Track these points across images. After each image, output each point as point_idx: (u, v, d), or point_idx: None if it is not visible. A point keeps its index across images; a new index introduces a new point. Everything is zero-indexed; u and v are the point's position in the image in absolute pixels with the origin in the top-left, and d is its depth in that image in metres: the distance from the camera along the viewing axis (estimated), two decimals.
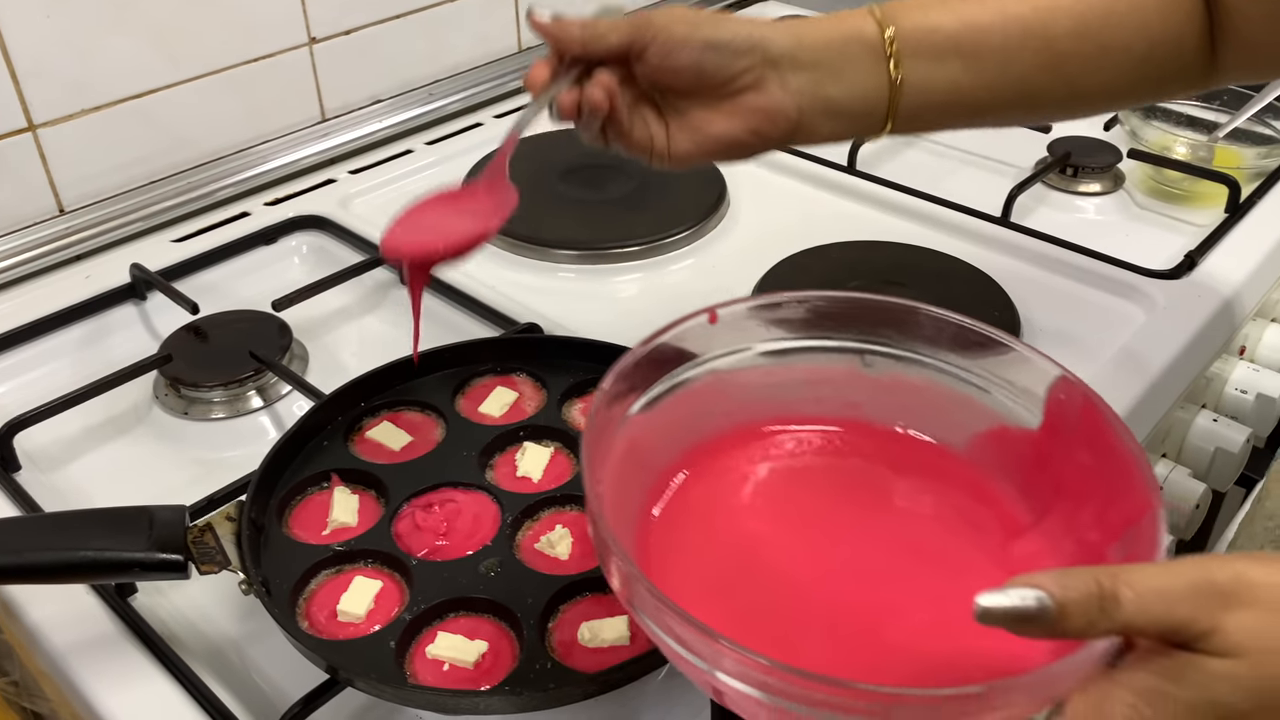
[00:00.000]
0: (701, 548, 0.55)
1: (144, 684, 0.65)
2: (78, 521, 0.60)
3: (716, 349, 0.60)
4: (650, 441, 0.57)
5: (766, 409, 0.61)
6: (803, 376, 0.61)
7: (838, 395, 0.61)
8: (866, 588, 0.54)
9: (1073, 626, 0.41)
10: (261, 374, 0.88)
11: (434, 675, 0.59)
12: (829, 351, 0.61)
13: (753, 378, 0.60)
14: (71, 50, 0.98)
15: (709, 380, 0.59)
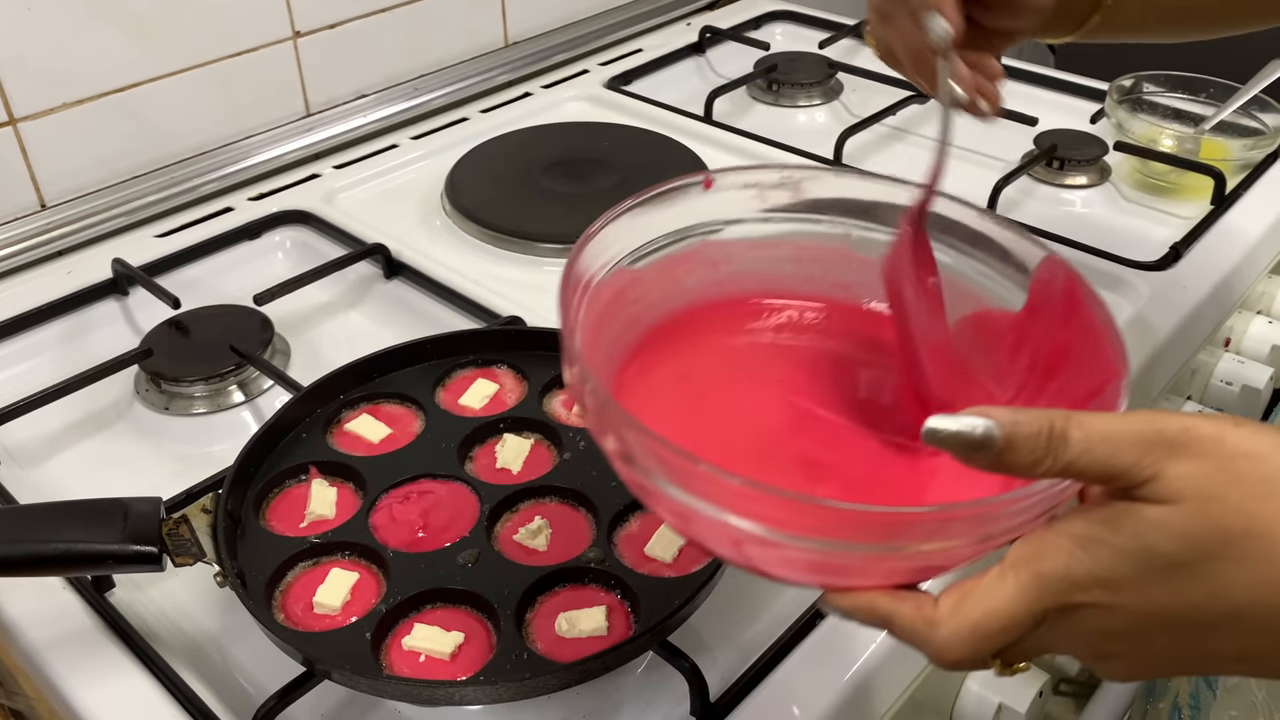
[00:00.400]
0: (674, 404, 0.54)
1: (121, 679, 0.64)
2: (51, 514, 0.60)
3: (708, 216, 0.58)
4: (634, 296, 0.56)
5: (754, 282, 0.60)
6: (792, 253, 0.60)
7: (827, 275, 0.60)
8: (833, 451, 0.54)
9: (1018, 460, 0.41)
10: (243, 368, 0.88)
11: (410, 666, 0.58)
12: (820, 230, 0.59)
13: (741, 250, 0.59)
14: (52, 43, 0.98)
15: (698, 246, 0.58)
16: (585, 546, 0.65)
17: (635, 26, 1.44)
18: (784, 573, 0.47)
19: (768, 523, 0.42)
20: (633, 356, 0.56)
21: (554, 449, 0.72)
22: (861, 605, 0.45)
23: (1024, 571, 0.42)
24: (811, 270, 0.60)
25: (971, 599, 0.42)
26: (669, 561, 0.64)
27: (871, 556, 0.43)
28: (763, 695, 0.63)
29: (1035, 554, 0.42)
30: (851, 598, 0.45)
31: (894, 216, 0.57)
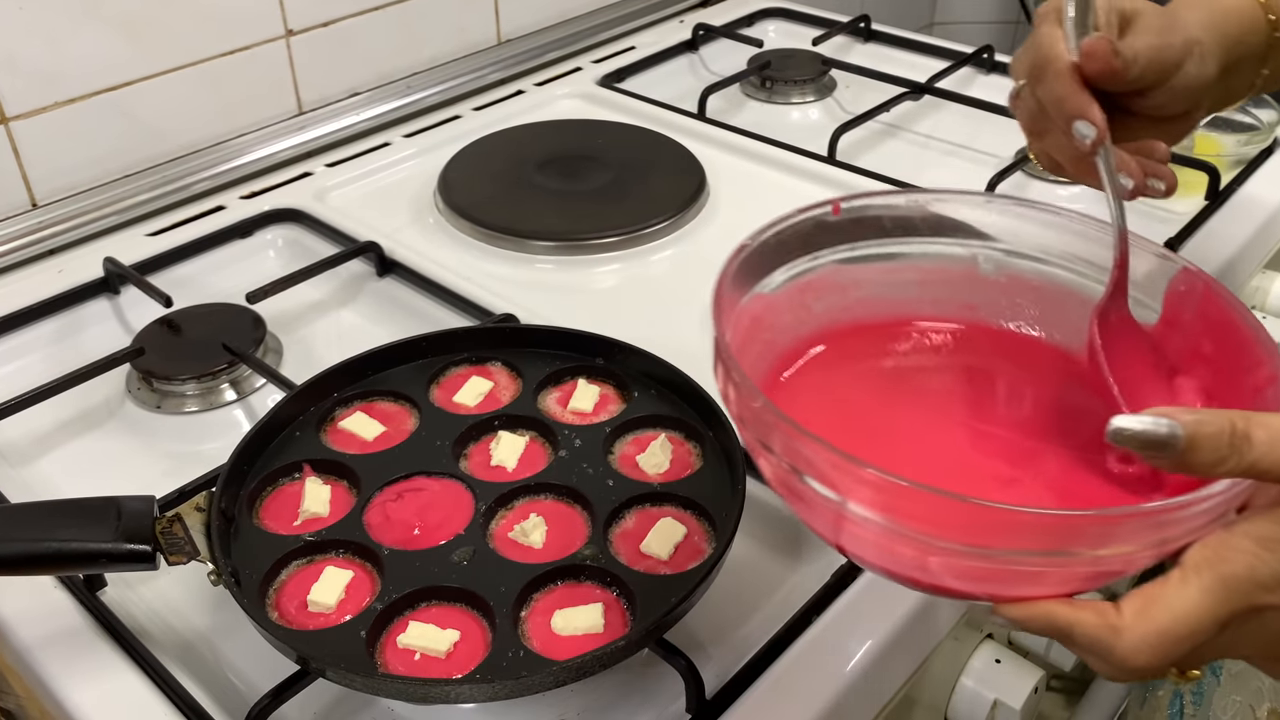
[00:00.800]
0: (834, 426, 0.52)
1: (113, 678, 0.64)
2: (43, 512, 0.60)
3: (836, 241, 0.59)
4: (770, 322, 0.58)
5: (883, 306, 0.61)
6: (918, 276, 0.61)
7: (954, 297, 0.61)
8: (989, 464, 0.54)
9: (1201, 460, 0.41)
10: (235, 367, 0.87)
11: (405, 665, 0.58)
12: (945, 251, 0.60)
13: (869, 274, 0.60)
14: (44, 41, 0.97)
15: (828, 272, 0.59)
16: (581, 544, 0.64)
17: (628, 24, 1.44)
18: (956, 584, 0.46)
19: (943, 532, 0.42)
20: (775, 380, 0.57)
21: (548, 446, 0.72)
22: (1037, 615, 0.44)
23: (1207, 575, 0.41)
24: (938, 293, 0.61)
25: (1158, 604, 0.42)
26: (665, 559, 0.63)
27: (1047, 563, 0.43)
28: (758, 692, 0.63)
29: (1217, 557, 0.42)
30: (1025, 608, 0.45)
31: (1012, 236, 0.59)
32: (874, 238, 0.60)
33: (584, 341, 0.77)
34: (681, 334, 0.91)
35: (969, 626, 0.75)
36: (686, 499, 0.67)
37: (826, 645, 0.65)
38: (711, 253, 1.01)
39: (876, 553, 0.47)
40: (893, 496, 0.43)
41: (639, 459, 0.70)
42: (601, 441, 0.71)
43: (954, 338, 0.61)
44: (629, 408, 0.74)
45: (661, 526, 0.65)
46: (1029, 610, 0.44)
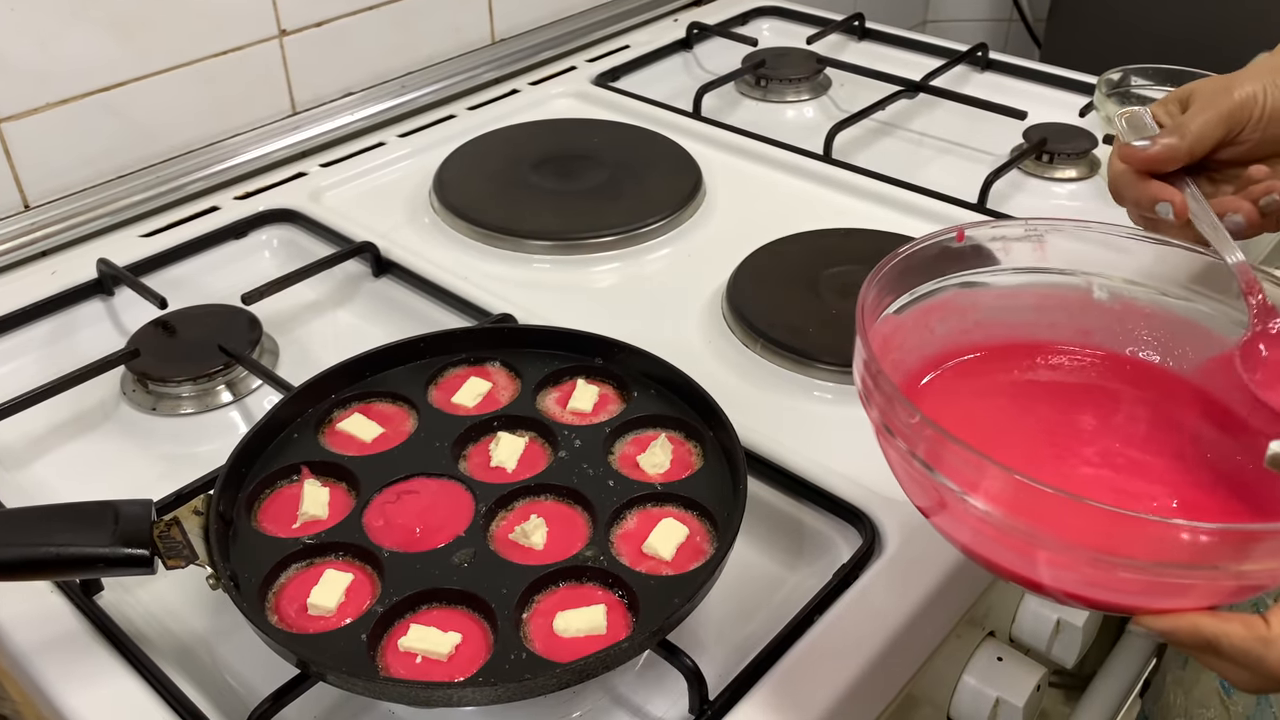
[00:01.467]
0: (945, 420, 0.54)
1: (111, 683, 0.63)
2: (40, 517, 0.59)
3: (957, 267, 0.62)
4: (897, 342, 0.60)
5: (1003, 330, 0.64)
6: (1035, 301, 0.64)
7: (1070, 321, 0.64)
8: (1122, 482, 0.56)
9: None
10: (231, 368, 0.87)
11: (407, 668, 0.57)
12: (1061, 279, 0.63)
13: (987, 298, 0.63)
14: (35, 41, 0.97)
15: (950, 295, 0.62)
16: (582, 545, 0.64)
17: (622, 23, 1.44)
18: (1102, 595, 0.48)
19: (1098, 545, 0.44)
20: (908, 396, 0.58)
21: (548, 447, 0.71)
22: (1183, 627, 0.46)
23: None
24: (1055, 317, 0.64)
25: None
26: (667, 559, 0.63)
27: (1196, 577, 0.44)
28: (761, 693, 0.62)
29: None
30: (1171, 620, 0.46)
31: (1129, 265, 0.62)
32: (992, 263, 0.63)
33: (583, 341, 0.77)
34: (679, 333, 0.91)
35: (969, 624, 0.75)
36: (688, 499, 0.67)
37: (829, 645, 0.65)
38: (708, 251, 1.02)
39: (1021, 562, 0.49)
40: (1052, 510, 0.44)
41: (639, 459, 0.70)
42: (601, 442, 0.71)
43: (1072, 360, 0.64)
44: (628, 408, 0.74)
45: (663, 527, 0.64)
46: (1174, 622, 0.46)
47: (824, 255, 0.97)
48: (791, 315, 0.90)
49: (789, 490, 0.75)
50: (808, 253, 0.97)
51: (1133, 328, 0.64)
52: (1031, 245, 0.63)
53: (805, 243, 0.99)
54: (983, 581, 0.73)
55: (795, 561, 0.74)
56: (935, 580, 0.69)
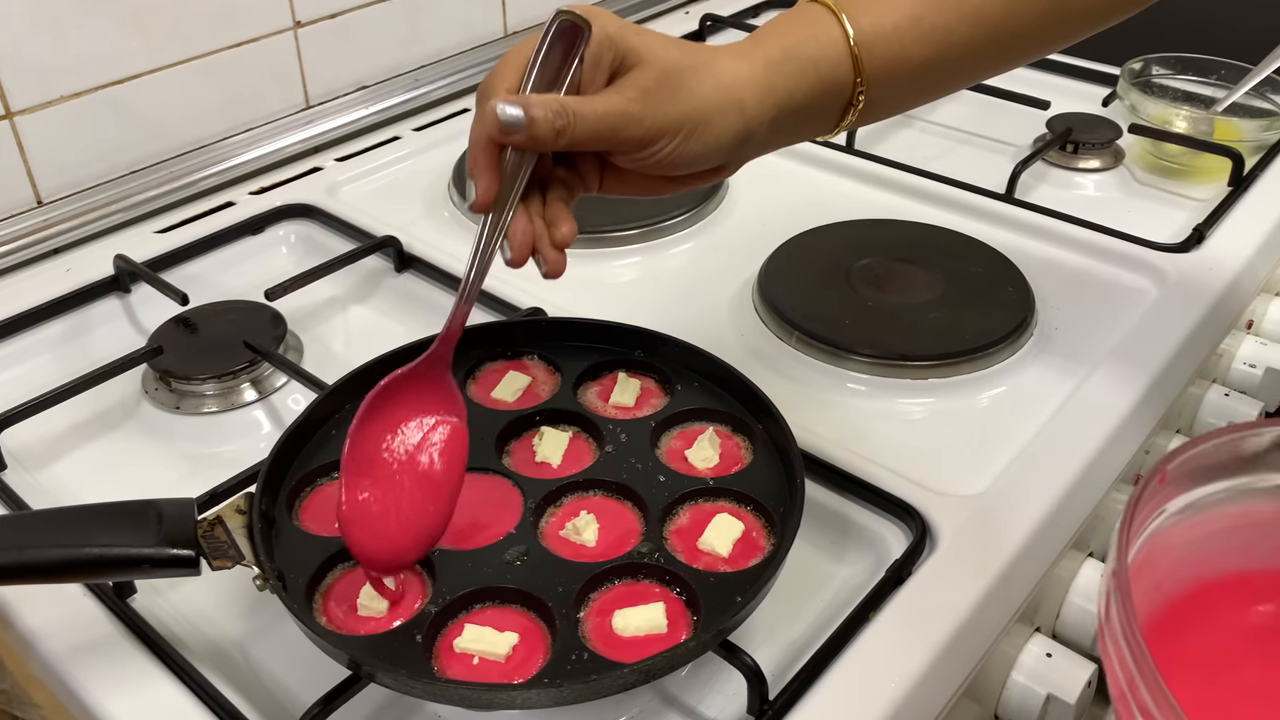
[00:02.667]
0: None
1: (151, 688, 0.61)
2: (81, 517, 0.57)
3: (1158, 505, 0.52)
4: None
5: (1192, 570, 0.54)
6: (1225, 524, 0.54)
7: (1264, 539, 0.55)
8: None
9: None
10: (255, 365, 0.85)
11: (464, 669, 0.56)
12: (1249, 491, 0.54)
13: (1176, 535, 0.53)
14: (48, 34, 0.95)
15: (1144, 552, 0.51)
16: (635, 541, 0.62)
17: (635, 15, 1.42)
18: None
19: None
20: None
21: (593, 442, 0.70)
22: None
23: None
24: (1246, 538, 0.55)
25: None
26: (724, 555, 0.61)
27: None
28: (822, 693, 0.61)
29: None
30: None
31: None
32: (1182, 494, 0.53)
33: (622, 334, 0.76)
34: (711, 326, 0.90)
35: (1018, 620, 0.74)
36: (740, 494, 0.65)
37: (887, 642, 0.63)
38: (733, 244, 1.00)
39: None
40: None
41: (687, 454, 0.68)
42: (647, 436, 0.69)
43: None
44: (672, 401, 0.72)
45: (718, 523, 0.63)
46: None
47: (854, 247, 0.95)
48: (826, 307, 0.88)
49: (834, 485, 0.74)
50: (837, 244, 0.96)
51: None
52: (1223, 460, 0.52)
53: (834, 234, 0.98)
54: (1036, 576, 0.71)
55: (842, 557, 0.72)
56: (991, 576, 0.67)
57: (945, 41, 0.62)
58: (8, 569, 0.55)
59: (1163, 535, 0.52)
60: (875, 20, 0.61)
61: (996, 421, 0.81)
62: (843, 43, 0.61)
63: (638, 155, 0.58)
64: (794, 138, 0.64)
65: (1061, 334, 0.89)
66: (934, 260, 0.94)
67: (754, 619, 0.67)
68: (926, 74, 0.63)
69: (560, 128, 0.54)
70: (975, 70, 0.66)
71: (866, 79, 0.61)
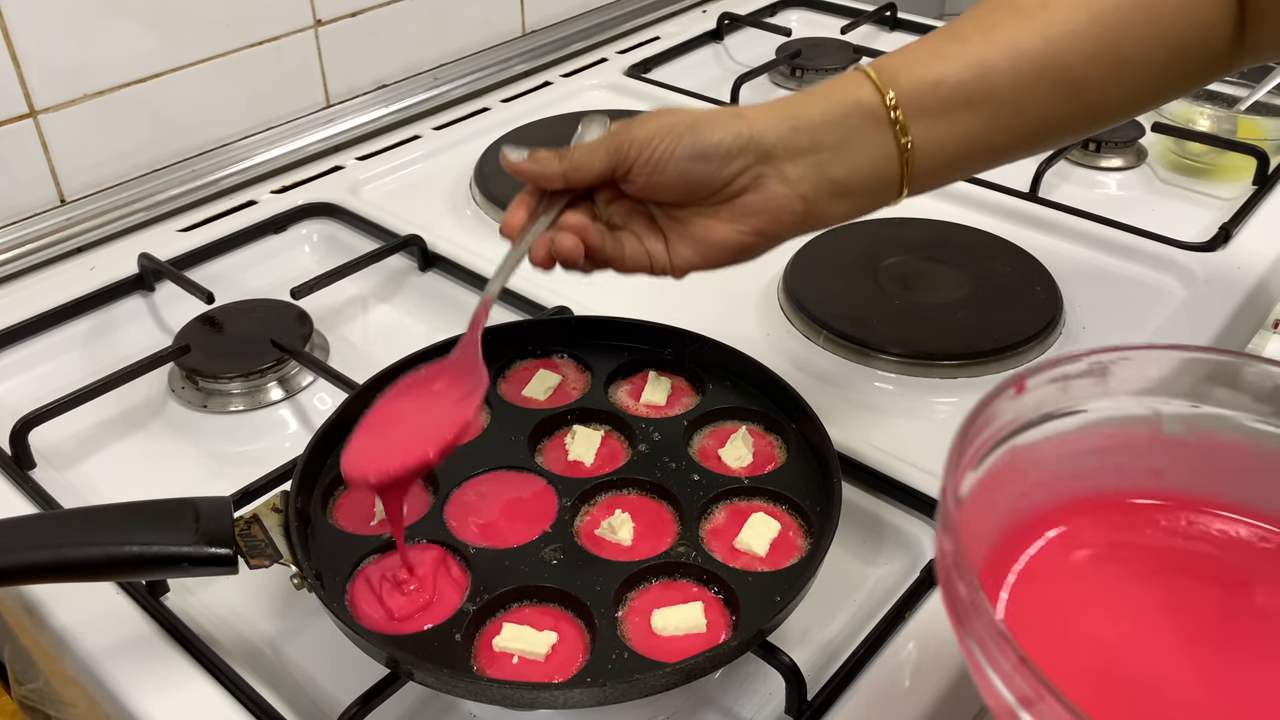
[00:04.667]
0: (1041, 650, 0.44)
1: (185, 687, 0.61)
2: (118, 515, 0.57)
3: (1015, 425, 0.52)
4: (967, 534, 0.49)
5: (1064, 485, 0.54)
6: (1099, 443, 0.54)
7: (1138, 462, 0.54)
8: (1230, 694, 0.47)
9: None
10: (282, 364, 0.85)
11: (504, 668, 0.55)
12: (1124, 413, 0.53)
13: (1048, 450, 0.53)
14: (72, 34, 0.95)
15: (1008, 459, 0.51)
16: (671, 540, 0.62)
17: (652, 14, 1.42)
18: None
19: None
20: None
21: (625, 441, 0.70)
22: None
23: None
24: (1120, 459, 0.54)
25: None
26: (761, 555, 0.61)
27: None
28: (860, 692, 0.60)
29: None
30: None
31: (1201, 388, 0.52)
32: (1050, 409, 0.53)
33: (652, 333, 0.75)
34: (737, 325, 0.90)
35: None
36: (775, 493, 0.65)
37: (925, 642, 0.63)
38: None
39: None
40: None
41: (720, 453, 0.68)
42: (680, 435, 0.69)
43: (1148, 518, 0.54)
44: (704, 400, 0.72)
45: (755, 522, 0.63)
46: None
47: (881, 245, 0.95)
48: (853, 306, 0.88)
49: (865, 484, 0.74)
50: (863, 243, 0.96)
51: (1214, 464, 0.53)
52: (1093, 380, 0.53)
53: (860, 233, 0.97)
54: None
55: (875, 557, 0.72)
56: None
57: (979, 66, 0.62)
58: (46, 567, 0.55)
59: (1032, 449, 0.52)
60: (901, 59, 0.63)
61: None
62: (863, 78, 0.62)
63: (640, 163, 0.61)
64: (846, 164, 0.62)
65: (1089, 333, 0.88)
66: (961, 259, 0.93)
67: (789, 619, 0.67)
68: (959, 94, 0.62)
69: (561, 154, 0.64)
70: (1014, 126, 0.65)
71: (897, 95, 0.61)
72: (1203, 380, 0.52)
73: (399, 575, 0.59)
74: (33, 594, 0.67)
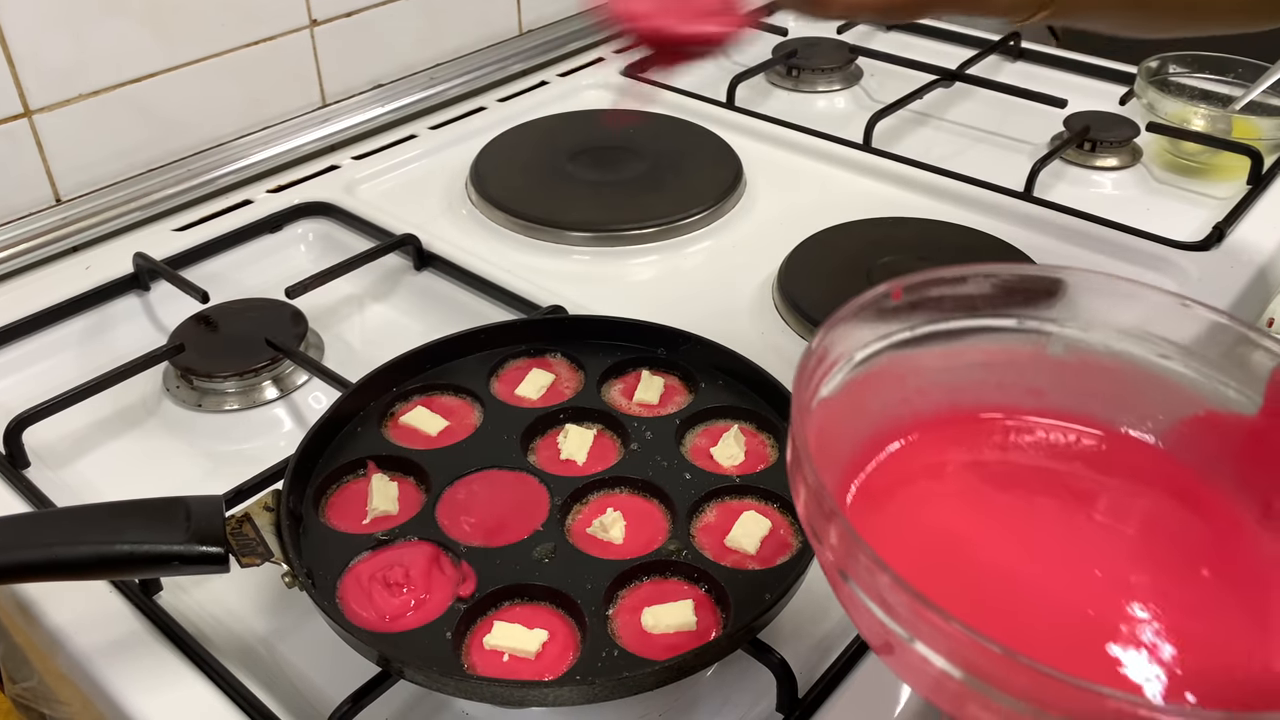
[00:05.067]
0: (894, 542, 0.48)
1: (177, 685, 0.61)
2: (109, 514, 0.57)
3: (894, 329, 0.53)
4: (833, 431, 0.50)
5: (944, 395, 0.55)
6: (981, 359, 0.55)
7: (1020, 380, 0.55)
8: (1082, 596, 0.48)
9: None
10: (277, 363, 0.85)
11: (494, 666, 0.56)
12: (1010, 331, 0.54)
13: (929, 360, 0.54)
14: (66, 33, 0.95)
15: (886, 363, 0.52)
16: (662, 538, 0.62)
17: None
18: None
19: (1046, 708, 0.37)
20: (842, 501, 0.50)
21: (618, 440, 0.70)
22: None
23: None
24: (1003, 376, 0.55)
25: None
26: (752, 553, 0.61)
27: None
28: (851, 691, 0.61)
29: None
30: None
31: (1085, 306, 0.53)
32: (934, 320, 0.54)
33: (645, 332, 0.75)
34: (731, 325, 0.90)
35: None
36: (767, 491, 0.65)
37: None
38: (752, 243, 1.00)
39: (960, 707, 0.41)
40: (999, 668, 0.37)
41: (712, 451, 0.68)
42: (672, 434, 0.69)
43: (1026, 433, 0.55)
44: (696, 399, 0.72)
45: (746, 520, 0.63)
46: None
47: (876, 245, 0.95)
48: None
49: None
50: (858, 243, 0.96)
51: (1092, 385, 0.54)
52: (978, 293, 0.53)
53: (855, 232, 0.97)
54: None
55: None
56: None
57: None
58: (37, 565, 0.55)
59: (913, 355, 0.53)
60: None
61: None
62: None
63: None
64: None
65: None
66: (955, 259, 0.93)
67: (780, 617, 0.67)
68: None
69: None
70: None
71: None
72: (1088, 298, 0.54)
73: (390, 575, 0.60)
74: (26, 593, 0.67)
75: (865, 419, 0.53)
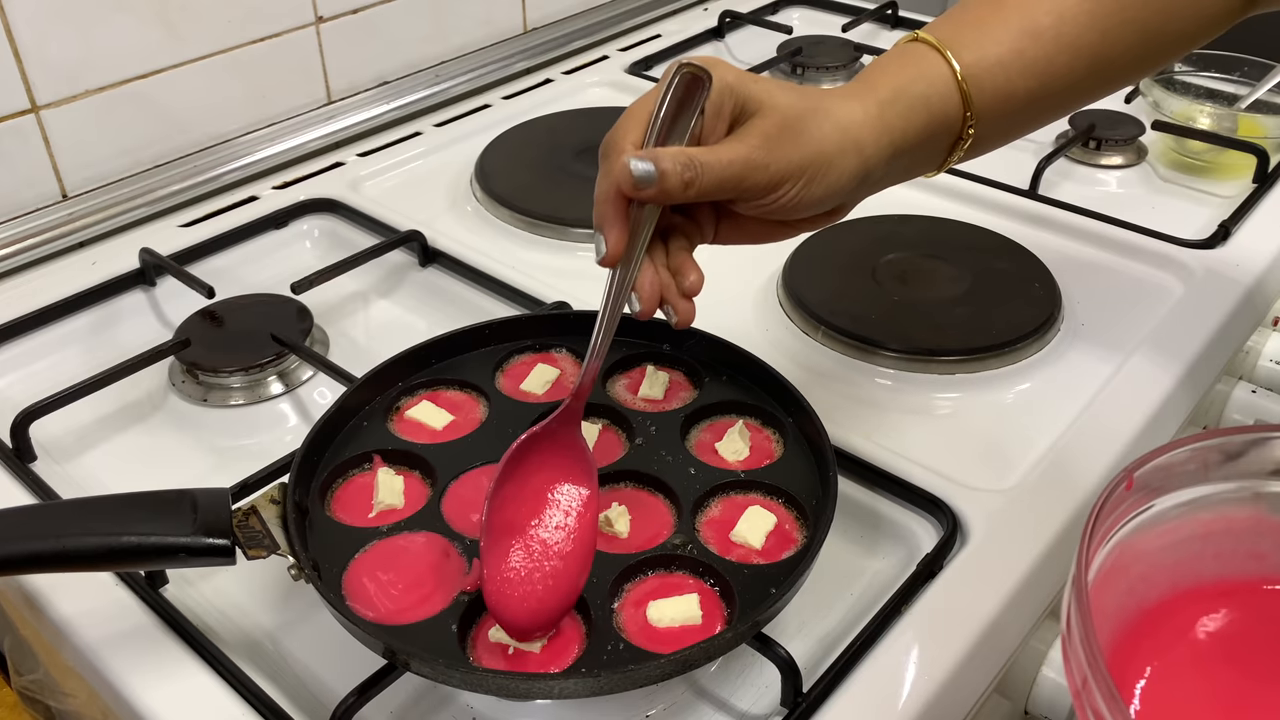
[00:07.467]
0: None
1: (184, 677, 0.62)
2: (117, 506, 0.57)
3: (1122, 516, 0.51)
4: None
5: (1164, 579, 0.53)
6: (1199, 530, 0.53)
7: (1239, 547, 0.54)
8: None
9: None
10: (282, 358, 0.85)
11: (498, 659, 0.56)
12: (1226, 494, 0.53)
13: (1147, 540, 0.52)
14: (74, 29, 0.95)
15: (1115, 557, 0.50)
16: (667, 533, 0.62)
17: (653, 11, 1.42)
18: None
19: None
20: None
21: (623, 434, 0.70)
22: None
23: None
24: (1220, 545, 0.54)
25: None
26: (757, 548, 0.61)
27: None
28: (855, 686, 0.60)
29: None
30: None
31: None
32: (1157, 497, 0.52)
33: (649, 327, 0.75)
34: (735, 321, 0.90)
35: (1051, 618, 0.74)
36: (772, 486, 0.65)
37: (920, 637, 0.63)
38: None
39: None
40: None
41: (717, 446, 0.68)
42: (677, 429, 0.69)
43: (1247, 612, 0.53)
44: (701, 394, 0.72)
45: (751, 515, 0.63)
46: None
47: (880, 242, 0.95)
48: (852, 302, 0.88)
49: (863, 479, 0.74)
50: (862, 240, 0.96)
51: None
52: (1195, 467, 0.52)
53: (858, 230, 0.97)
54: (1065, 571, 0.71)
55: (873, 551, 0.72)
56: (1023, 570, 0.67)
57: (1046, 73, 0.63)
58: (45, 556, 0.55)
59: (1135, 541, 0.51)
60: (979, 55, 0.62)
61: (1024, 416, 0.81)
62: (950, 78, 0.62)
63: (761, 201, 0.58)
64: (905, 176, 0.65)
65: (1088, 330, 0.88)
66: (960, 256, 0.94)
67: (785, 612, 0.67)
68: (1030, 105, 0.64)
69: (689, 179, 0.55)
70: (1074, 99, 0.67)
71: (976, 113, 0.62)
72: None
73: (395, 568, 0.60)
74: (33, 585, 0.67)
75: (1107, 619, 0.51)
